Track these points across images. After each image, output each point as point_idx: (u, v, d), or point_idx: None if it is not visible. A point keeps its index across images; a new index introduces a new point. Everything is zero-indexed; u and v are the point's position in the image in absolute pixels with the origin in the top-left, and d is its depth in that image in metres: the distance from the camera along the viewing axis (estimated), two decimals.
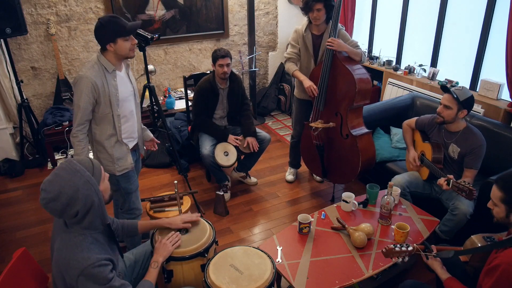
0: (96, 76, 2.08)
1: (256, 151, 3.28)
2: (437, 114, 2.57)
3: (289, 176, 3.72)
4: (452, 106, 2.47)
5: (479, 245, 1.84)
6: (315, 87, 2.94)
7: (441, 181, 2.38)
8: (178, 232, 2.03)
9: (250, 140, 3.26)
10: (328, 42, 2.85)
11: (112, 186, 2.33)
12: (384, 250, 1.88)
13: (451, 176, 2.34)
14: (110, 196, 1.66)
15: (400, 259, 1.86)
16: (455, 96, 2.44)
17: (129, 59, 2.29)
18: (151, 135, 2.67)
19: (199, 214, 2.16)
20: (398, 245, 1.87)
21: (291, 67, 3.13)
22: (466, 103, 2.47)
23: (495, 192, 1.67)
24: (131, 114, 2.33)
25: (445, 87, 2.54)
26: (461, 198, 2.46)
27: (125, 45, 2.10)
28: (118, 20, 2.07)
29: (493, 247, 1.70)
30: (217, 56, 3.13)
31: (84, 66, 2.13)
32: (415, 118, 2.89)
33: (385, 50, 4.37)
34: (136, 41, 2.16)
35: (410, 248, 1.85)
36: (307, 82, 2.97)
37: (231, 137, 3.27)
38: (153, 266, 1.83)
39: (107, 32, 2.05)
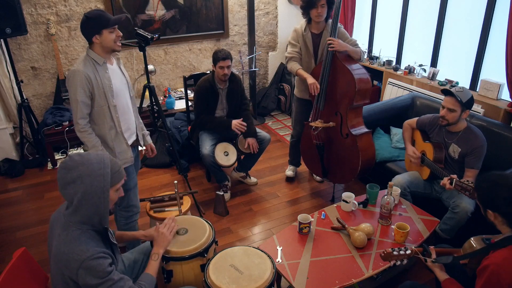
0: (88, 69, 2.10)
1: (256, 152, 3.28)
2: (441, 118, 2.55)
3: (289, 172, 3.72)
4: (456, 108, 2.48)
5: (477, 246, 1.84)
6: (318, 85, 2.94)
7: (445, 181, 2.37)
8: (174, 217, 2.03)
9: (251, 141, 3.26)
10: (329, 42, 2.85)
11: None
12: (382, 254, 1.89)
13: (454, 176, 2.33)
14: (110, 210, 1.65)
15: (399, 262, 1.87)
16: (459, 99, 2.44)
17: (118, 53, 2.30)
18: (150, 141, 2.66)
19: (175, 219, 2.07)
20: (397, 249, 1.87)
21: (294, 66, 3.11)
22: (469, 104, 2.48)
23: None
24: (127, 106, 2.35)
25: (447, 90, 2.53)
26: (462, 196, 2.46)
27: (110, 36, 2.12)
28: (103, 13, 2.11)
29: (488, 249, 1.71)
30: (218, 58, 3.11)
31: (75, 63, 2.15)
32: (416, 118, 2.89)
33: (385, 50, 4.37)
34: (121, 33, 2.19)
35: (408, 252, 1.86)
36: (311, 79, 2.96)
37: (234, 122, 3.22)
38: (153, 259, 1.81)
39: (92, 25, 2.09)
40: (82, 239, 1.50)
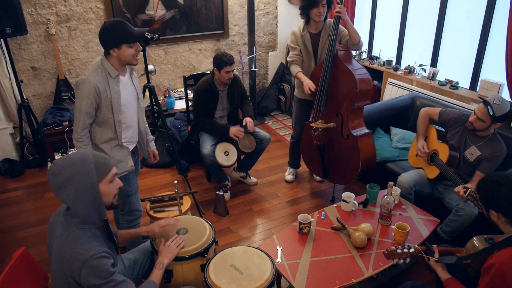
0: (99, 81, 2.05)
1: (252, 130, 3.27)
2: (469, 123, 2.47)
3: (289, 176, 3.72)
4: (486, 120, 2.38)
5: (480, 246, 1.84)
6: (312, 84, 2.92)
7: (459, 189, 2.32)
8: (182, 235, 2.02)
9: (248, 119, 3.28)
10: (337, 9, 2.82)
11: None
12: (385, 251, 1.88)
13: (469, 186, 2.29)
14: (111, 204, 1.64)
15: (402, 261, 1.86)
16: (491, 113, 2.33)
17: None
18: (154, 147, 2.64)
19: (178, 219, 2.12)
20: (400, 247, 1.87)
21: (295, 69, 3.11)
22: (501, 118, 2.36)
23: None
24: (133, 120, 2.31)
25: (485, 101, 2.37)
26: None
27: (129, 51, 2.06)
28: (125, 25, 2.02)
29: (492, 248, 1.71)
30: (224, 63, 3.10)
31: (87, 69, 2.09)
32: (438, 109, 2.76)
33: (385, 50, 4.37)
34: (141, 48, 2.11)
35: (411, 250, 1.85)
36: (305, 80, 2.97)
37: (232, 130, 3.22)
38: (157, 268, 1.81)
39: (112, 37, 2.01)
40: (84, 238, 1.50)
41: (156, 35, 2.60)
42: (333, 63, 2.91)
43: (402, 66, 4.25)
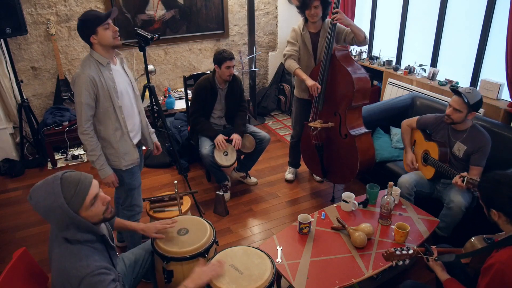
0: (92, 71, 2.11)
1: (238, 149, 3.26)
2: (446, 116, 2.55)
3: (289, 175, 3.72)
4: (462, 109, 2.47)
5: (478, 245, 1.85)
6: (318, 86, 2.92)
7: (456, 179, 2.38)
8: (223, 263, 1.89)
9: (235, 136, 3.24)
10: (334, 15, 2.83)
11: None
12: (384, 253, 1.89)
13: (465, 174, 2.35)
14: (101, 220, 1.56)
15: (401, 262, 1.87)
16: (466, 101, 2.43)
17: (121, 53, 2.33)
18: (156, 139, 2.66)
19: (175, 220, 2.11)
20: (399, 249, 1.87)
21: (292, 64, 3.08)
22: (476, 106, 2.47)
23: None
24: (131, 107, 2.35)
25: (456, 90, 2.50)
26: (456, 191, 2.48)
27: (106, 33, 2.11)
28: (93, 11, 2.13)
29: (491, 247, 1.71)
30: (225, 58, 3.10)
31: (79, 65, 2.16)
32: (415, 118, 2.88)
33: (385, 50, 4.37)
34: (117, 28, 2.18)
35: (410, 251, 1.85)
36: (310, 82, 2.95)
37: (219, 138, 3.20)
38: None
39: (86, 25, 2.09)
40: (83, 254, 1.47)
41: (156, 35, 2.60)
42: (330, 63, 2.91)
43: (402, 66, 4.24)
